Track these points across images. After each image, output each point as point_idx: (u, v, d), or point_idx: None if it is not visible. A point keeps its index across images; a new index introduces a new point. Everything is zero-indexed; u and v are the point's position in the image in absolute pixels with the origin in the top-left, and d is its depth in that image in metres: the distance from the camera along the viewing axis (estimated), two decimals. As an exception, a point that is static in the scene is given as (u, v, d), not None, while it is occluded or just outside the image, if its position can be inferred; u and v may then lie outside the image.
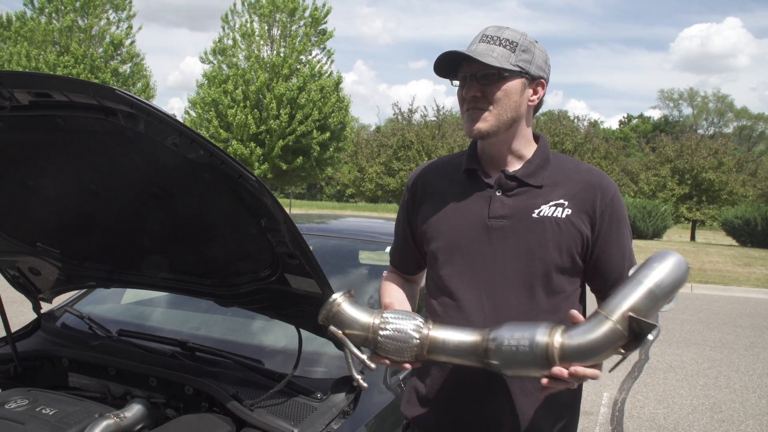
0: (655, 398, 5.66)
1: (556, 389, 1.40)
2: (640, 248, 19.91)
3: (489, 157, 1.70)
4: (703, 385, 6.12)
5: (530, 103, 1.65)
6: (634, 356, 7.04)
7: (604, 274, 1.65)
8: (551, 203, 1.62)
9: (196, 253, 2.04)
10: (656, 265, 1.38)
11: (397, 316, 1.50)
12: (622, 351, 1.36)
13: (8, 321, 2.35)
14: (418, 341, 1.47)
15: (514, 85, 1.59)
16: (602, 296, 1.64)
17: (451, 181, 1.74)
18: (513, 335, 1.40)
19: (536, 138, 1.74)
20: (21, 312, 3.49)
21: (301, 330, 2.05)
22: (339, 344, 1.55)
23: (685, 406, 5.49)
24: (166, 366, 2.12)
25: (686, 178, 31.20)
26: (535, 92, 1.65)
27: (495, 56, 1.55)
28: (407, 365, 1.51)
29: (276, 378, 2.04)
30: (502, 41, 1.58)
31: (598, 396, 5.59)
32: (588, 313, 1.52)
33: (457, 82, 1.65)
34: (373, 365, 1.51)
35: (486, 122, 1.59)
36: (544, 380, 1.38)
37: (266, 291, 1.96)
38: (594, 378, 1.37)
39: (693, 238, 31.84)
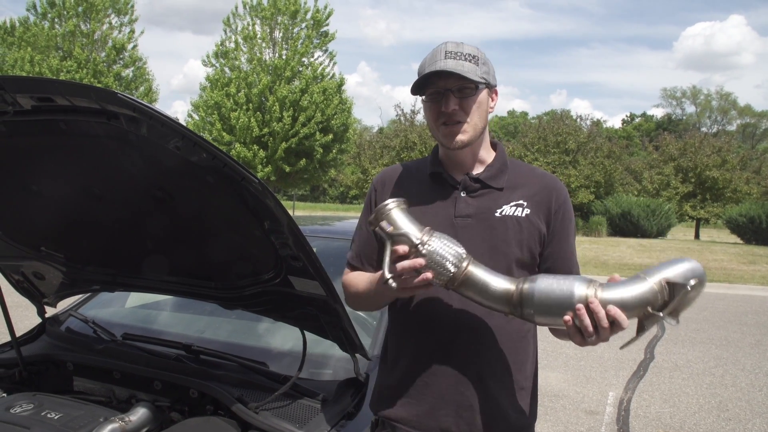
0: (660, 397, 5.64)
1: (575, 330, 1.44)
2: (644, 247, 19.93)
3: (453, 162, 1.79)
4: (709, 384, 6.10)
5: (490, 111, 1.77)
6: (640, 355, 7.02)
7: (556, 267, 1.76)
8: (512, 203, 1.74)
9: (199, 256, 2.03)
10: (691, 260, 1.47)
11: (443, 241, 1.51)
12: (650, 310, 1.42)
13: (13, 325, 2.36)
14: (453, 273, 1.50)
15: (483, 96, 1.71)
16: None
17: (418, 182, 1.82)
18: (551, 288, 1.47)
19: (494, 145, 1.85)
20: (25, 317, 3.49)
21: (306, 332, 2.05)
22: (382, 239, 1.54)
23: (691, 404, 5.47)
24: (170, 369, 2.12)
25: (690, 176, 31.11)
26: (493, 100, 1.79)
27: (467, 71, 1.65)
28: (428, 281, 1.50)
29: (280, 380, 2.03)
30: (466, 56, 1.67)
31: (603, 396, 5.58)
32: None
33: (422, 98, 1.74)
34: (395, 284, 1.49)
35: (466, 134, 1.70)
36: (567, 318, 1.43)
37: (270, 293, 1.96)
38: (622, 325, 1.40)
39: (697, 236, 31.74)
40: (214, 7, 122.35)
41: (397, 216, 1.53)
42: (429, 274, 1.49)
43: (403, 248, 1.49)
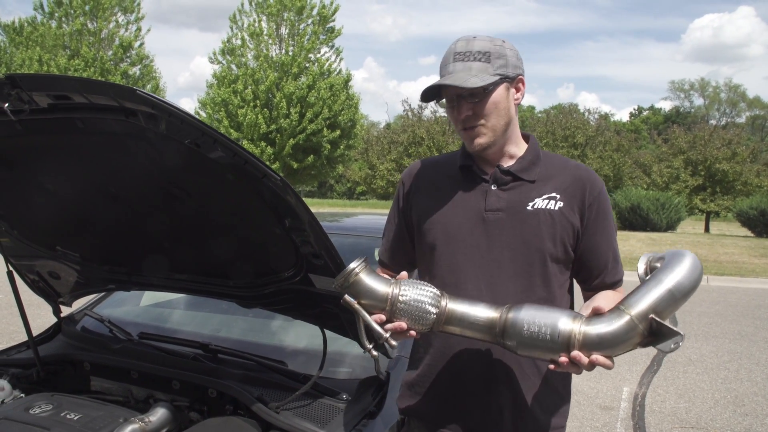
0: (676, 392, 5.60)
1: (564, 370, 1.45)
2: (653, 240, 19.79)
3: (483, 156, 1.75)
4: (724, 378, 6.05)
5: (516, 102, 1.72)
6: (653, 350, 6.96)
7: (590, 264, 1.72)
8: (544, 196, 1.69)
9: (217, 254, 2.01)
10: (675, 267, 1.45)
11: (415, 288, 1.48)
12: (637, 346, 1.43)
13: (30, 325, 2.35)
14: (435, 315, 1.47)
15: (500, 93, 1.65)
16: (587, 286, 1.75)
17: (447, 176, 1.79)
18: (534, 321, 1.42)
19: (526, 137, 1.81)
20: (38, 315, 3.48)
21: (325, 330, 2.02)
22: (353, 314, 1.50)
23: (706, 399, 5.43)
24: (188, 369, 2.10)
25: (699, 169, 30.88)
26: (518, 90, 1.71)
27: (475, 74, 1.60)
28: (413, 333, 1.50)
29: (300, 379, 2.01)
30: (476, 55, 1.61)
31: (618, 391, 5.54)
32: (576, 304, 1.68)
33: (442, 102, 1.71)
34: (394, 342, 1.48)
35: (485, 136, 1.67)
36: (552, 366, 1.44)
37: (290, 292, 1.94)
38: (607, 368, 1.42)
39: (707, 229, 31.55)
40: (221, 4, 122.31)
41: (360, 284, 1.47)
42: (412, 331, 1.48)
43: (377, 317, 1.47)
